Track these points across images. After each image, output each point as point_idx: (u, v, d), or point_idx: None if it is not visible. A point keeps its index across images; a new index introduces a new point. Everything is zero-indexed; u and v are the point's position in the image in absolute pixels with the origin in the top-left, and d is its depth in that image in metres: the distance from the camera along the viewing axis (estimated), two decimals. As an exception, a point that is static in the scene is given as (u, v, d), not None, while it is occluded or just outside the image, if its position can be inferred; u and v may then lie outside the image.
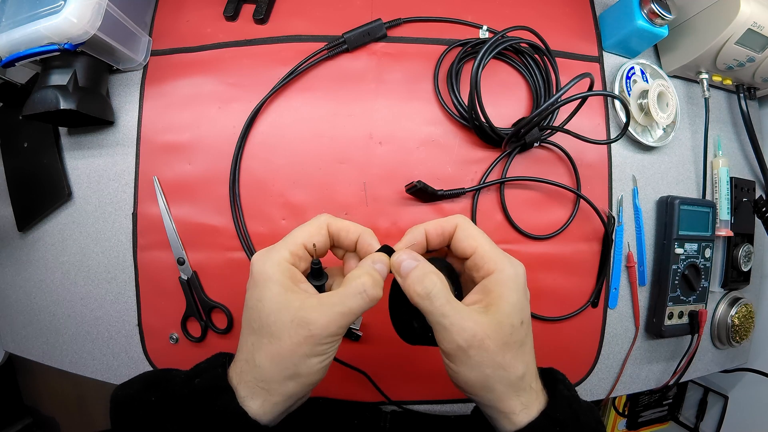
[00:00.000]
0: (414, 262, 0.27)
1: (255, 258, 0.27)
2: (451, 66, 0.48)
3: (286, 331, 0.24)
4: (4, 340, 0.54)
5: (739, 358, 0.60)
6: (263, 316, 0.25)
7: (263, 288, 0.25)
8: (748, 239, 0.57)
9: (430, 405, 0.47)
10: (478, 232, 0.28)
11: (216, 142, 0.48)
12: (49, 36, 0.39)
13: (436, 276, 0.26)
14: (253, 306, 0.26)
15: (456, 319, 0.25)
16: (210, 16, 0.50)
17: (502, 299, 0.26)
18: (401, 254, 0.27)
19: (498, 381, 0.25)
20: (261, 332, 0.25)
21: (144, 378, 0.28)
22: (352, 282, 0.26)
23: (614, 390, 0.52)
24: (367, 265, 0.27)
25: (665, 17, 0.47)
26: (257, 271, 0.26)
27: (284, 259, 0.26)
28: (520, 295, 0.26)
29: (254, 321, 0.25)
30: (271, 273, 0.25)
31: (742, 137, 0.59)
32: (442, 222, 0.29)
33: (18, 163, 0.52)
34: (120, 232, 0.48)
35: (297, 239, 0.27)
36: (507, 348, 0.25)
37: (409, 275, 0.26)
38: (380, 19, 0.48)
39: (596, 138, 0.48)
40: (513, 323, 0.25)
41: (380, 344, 0.46)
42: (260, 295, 0.25)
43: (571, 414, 0.26)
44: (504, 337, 0.25)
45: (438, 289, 0.25)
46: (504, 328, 0.25)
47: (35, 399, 0.94)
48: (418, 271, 0.26)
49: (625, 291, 0.52)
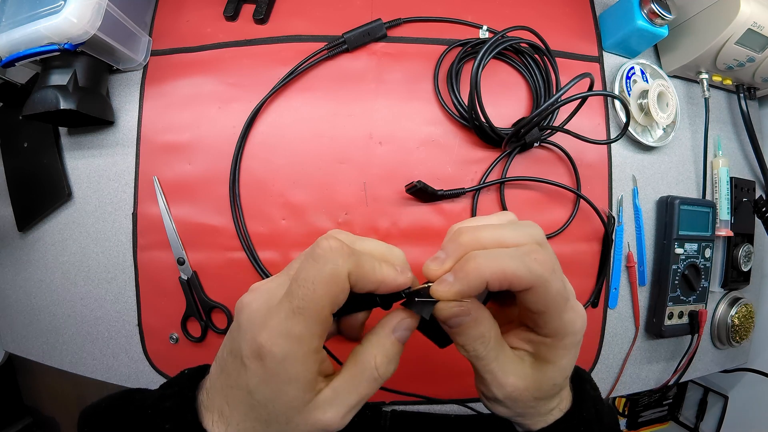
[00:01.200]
0: (466, 318, 0.22)
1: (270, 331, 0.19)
2: (451, 66, 0.48)
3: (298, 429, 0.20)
4: (4, 340, 0.54)
5: (739, 358, 0.60)
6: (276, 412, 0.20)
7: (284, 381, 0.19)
8: (748, 239, 0.57)
9: (429, 405, 0.47)
10: (556, 293, 0.21)
11: (216, 142, 0.48)
12: (49, 36, 0.39)
13: (488, 332, 0.22)
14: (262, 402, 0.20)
15: (499, 375, 0.23)
16: (210, 16, 0.50)
17: (552, 362, 0.23)
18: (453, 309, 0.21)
19: (530, 415, 0.25)
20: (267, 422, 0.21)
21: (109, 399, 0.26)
22: (364, 362, 0.21)
23: (614, 390, 0.52)
24: (382, 336, 0.22)
25: (665, 17, 0.47)
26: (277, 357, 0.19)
27: (314, 348, 0.20)
28: (573, 356, 0.24)
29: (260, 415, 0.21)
30: (297, 368, 0.19)
31: (742, 137, 0.59)
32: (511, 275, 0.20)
33: (18, 163, 0.52)
34: (120, 232, 0.48)
35: (324, 306, 0.19)
36: (543, 398, 0.24)
37: (457, 330, 0.22)
38: (380, 19, 0.48)
39: (596, 138, 0.48)
40: (557, 382, 0.24)
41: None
42: (278, 388, 0.20)
43: (596, 414, 0.26)
44: (543, 393, 0.24)
45: (489, 348, 0.22)
46: (544, 387, 0.23)
47: (35, 399, 0.94)
48: (469, 327, 0.22)
49: (625, 291, 0.52)
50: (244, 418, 0.21)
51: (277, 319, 0.19)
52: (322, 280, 0.19)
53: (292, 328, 0.19)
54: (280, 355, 0.19)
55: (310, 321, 0.19)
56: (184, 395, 0.23)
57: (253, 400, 0.20)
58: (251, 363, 0.20)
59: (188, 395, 0.23)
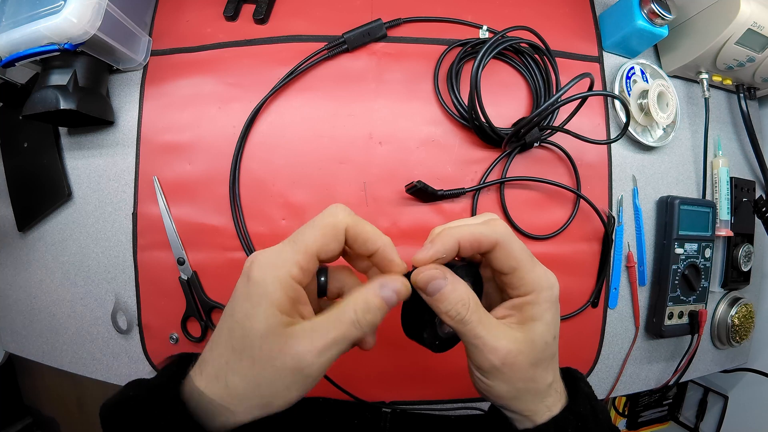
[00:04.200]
0: (443, 281, 0.24)
1: (256, 262, 0.23)
2: (451, 66, 0.48)
3: (271, 360, 0.21)
4: (4, 340, 0.54)
5: (739, 358, 0.60)
6: (250, 338, 0.22)
7: (257, 305, 0.22)
8: (748, 239, 0.57)
9: (430, 405, 0.47)
10: (520, 249, 0.25)
11: (216, 142, 0.48)
12: (49, 36, 0.39)
13: (467, 296, 0.24)
14: (239, 322, 0.22)
15: (489, 340, 0.24)
16: (210, 16, 0.50)
17: (537, 319, 0.25)
18: (429, 271, 0.24)
19: (528, 392, 0.25)
20: (242, 353, 0.22)
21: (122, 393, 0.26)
22: (346, 307, 0.23)
23: (614, 390, 0.52)
24: (370, 290, 0.24)
25: (665, 17, 0.47)
26: (256, 281, 0.22)
27: (290, 275, 0.22)
28: (555, 312, 0.26)
29: (236, 339, 0.22)
30: (271, 290, 0.22)
31: (742, 137, 0.59)
32: (479, 234, 0.25)
33: (18, 163, 0.52)
34: (120, 232, 0.48)
35: (310, 247, 0.23)
36: (539, 363, 0.25)
37: (438, 296, 0.24)
38: (380, 19, 0.48)
39: (596, 138, 0.48)
40: (547, 340, 0.25)
41: (381, 344, 0.46)
42: (251, 313, 0.22)
43: (591, 410, 0.27)
44: (537, 353, 0.25)
45: (471, 311, 0.24)
46: (537, 345, 0.25)
47: (35, 399, 0.94)
48: (449, 292, 0.24)
49: (625, 291, 0.52)
50: (221, 351, 0.23)
51: (271, 250, 0.23)
52: (320, 224, 0.24)
53: (279, 254, 0.23)
54: (259, 276, 0.22)
55: (294, 250, 0.23)
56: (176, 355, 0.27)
57: (233, 322, 0.22)
58: (240, 284, 0.23)
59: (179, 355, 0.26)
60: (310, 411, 0.43)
